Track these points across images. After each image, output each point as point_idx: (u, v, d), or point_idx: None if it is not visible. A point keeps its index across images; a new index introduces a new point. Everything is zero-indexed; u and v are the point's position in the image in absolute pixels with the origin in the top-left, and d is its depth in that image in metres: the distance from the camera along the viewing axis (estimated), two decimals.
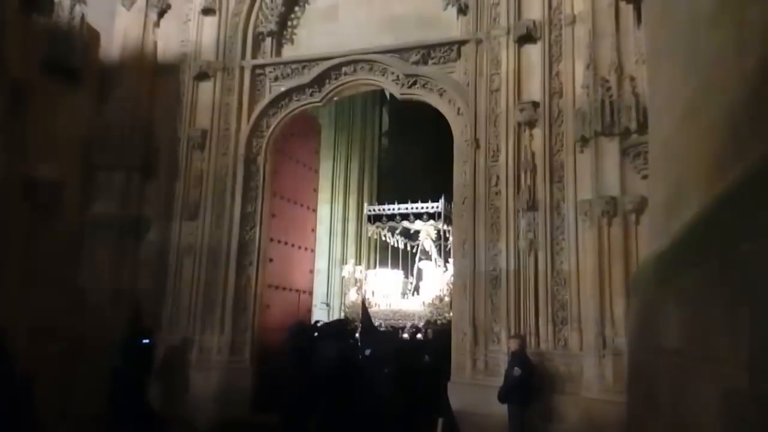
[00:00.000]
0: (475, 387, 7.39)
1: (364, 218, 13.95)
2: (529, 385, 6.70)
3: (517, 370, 6.57)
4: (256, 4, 9.83)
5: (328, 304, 13.64)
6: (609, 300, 6.83)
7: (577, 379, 6.97)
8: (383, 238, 14.05)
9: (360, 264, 14.02)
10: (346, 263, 14.06)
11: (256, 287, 9.26)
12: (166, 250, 9.28)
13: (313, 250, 11.75)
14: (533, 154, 7.74)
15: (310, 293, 11.52)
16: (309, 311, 11.26)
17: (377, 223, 13.22)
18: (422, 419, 6.88)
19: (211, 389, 8.53)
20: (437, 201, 12.46)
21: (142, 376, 8.06)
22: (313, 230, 11.85)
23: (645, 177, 6.43)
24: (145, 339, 8.26)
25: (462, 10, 8.64)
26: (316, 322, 10.17)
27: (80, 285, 8.80)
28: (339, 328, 8.21)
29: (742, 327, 1.89)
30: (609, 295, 6.84)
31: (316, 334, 9.22)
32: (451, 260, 12.29)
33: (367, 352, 7.78)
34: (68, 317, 8.41)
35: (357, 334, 9.69)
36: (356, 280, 12.56)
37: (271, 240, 9.81)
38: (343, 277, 13.08)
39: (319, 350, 7.41)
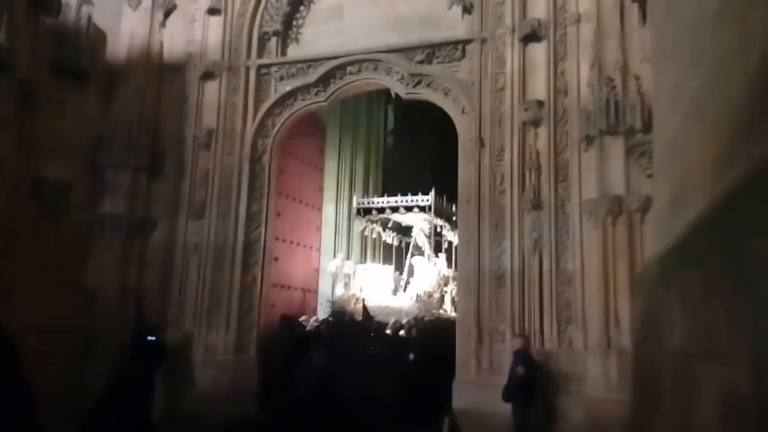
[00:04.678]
0: (479, 386, 7.38)
1: (355, 213, 13.74)
2: (533, 384, 6.69)
3: (520, 369, 6.57)
4: (262, 4, 9.84)
5: (333, 302, 13.65)
6: (614, 299, 6.83)
7: (581, 379, 6.96)
8: (375, 234, 13.94)
9: (350, 259, 13.92)
10: (335, 257, 13.94)
11: (262, 286, 9.29)
12: (172, 249, 9.32)
13: (318, 249, 11.80)
14: (538, 153, 7.73)
15: (316, 292, 11.56)
16: (314, 310, 11.30)
17: (368, 216, 13.10)
18: (421, 418, 6.91)
19: (217, 387, 8.57)
20: (428, 194, 12.29)
21: (150, 375, 8.09)
22: (318, 229, 11.89)
23: (650, 176, 6.41)
24: (152, 336, 8.30)
25: (467, 9, 8.63)
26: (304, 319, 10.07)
27: (88, 284, 8.86)
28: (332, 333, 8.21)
29: (745, 326, 1.89)
30: (614, 294, 6.84)
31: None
32: (441, 255, 12.27)
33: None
34: (76, 316, 8.47)
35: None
36: (345, 275, 12.50)
37: (277, 239, 9.85)
38: (331, 271, 13.00)
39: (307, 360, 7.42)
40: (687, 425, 2.66)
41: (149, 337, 8.25)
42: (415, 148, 17.68)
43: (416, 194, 12.47)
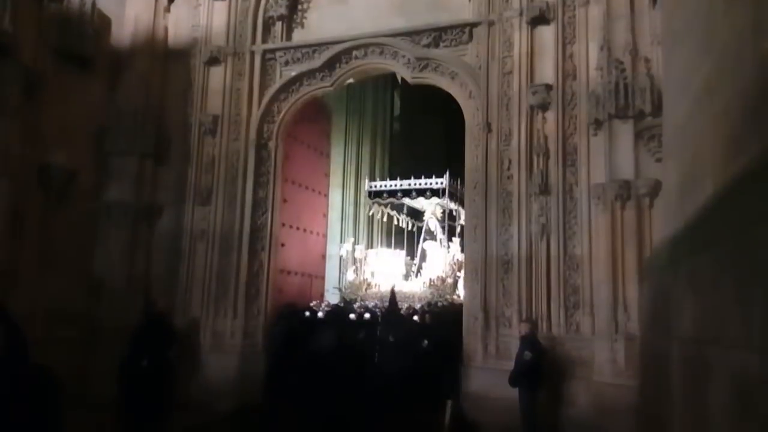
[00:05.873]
0: (486, 371, 7.41)
1: (366, 196, 13.53)
2: (540, 369, 6.70)
3: (527, 354, 6.58)
4: None
5: (340, 289, 13.69)
6: (622, 284, 6.80)
7: (588, 364, 6.96)
8: (387, 218, 13.81)
9: (360, 243, 13.83)
10: (344, 242, 13.81)
11: (269, 272, 9.33)
12: (179, 236, 9.35)
13: (324, 235, 11.81)
14: (546, 138, 7.67)
15: (323, 278, 11.59)
16: (321, 296, 11.34)
17: (377, 200, 12.95)
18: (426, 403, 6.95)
19: (224, 373, 8.64)
20: (441, 177, 12.10)
21: (160, 361, 8.15)
22: (325, 215, 11.89)
23: (659, 160, 6.35)
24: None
25: None
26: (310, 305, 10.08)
27: (94, 271, 8.92)
28: (338, 315, 8.23)
29: (754, 311, 1.87)
30: (622, 279, 6.81)
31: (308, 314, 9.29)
32: (455, 239, 12.19)
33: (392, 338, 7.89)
34: (83, 303, 8.53)
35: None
36: (355, 259, 12.42)
37: (283, 225, 9.86)
38: (341, 256, 12.90)
39: (318, 337, 7.45)
40: (696, 411, 2.64)
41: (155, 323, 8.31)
42: (422, 134, 17.60)
43: (429, 177, 12.25)
